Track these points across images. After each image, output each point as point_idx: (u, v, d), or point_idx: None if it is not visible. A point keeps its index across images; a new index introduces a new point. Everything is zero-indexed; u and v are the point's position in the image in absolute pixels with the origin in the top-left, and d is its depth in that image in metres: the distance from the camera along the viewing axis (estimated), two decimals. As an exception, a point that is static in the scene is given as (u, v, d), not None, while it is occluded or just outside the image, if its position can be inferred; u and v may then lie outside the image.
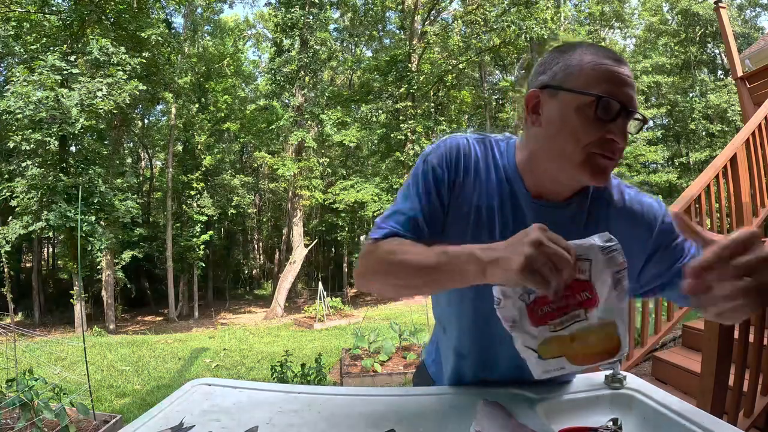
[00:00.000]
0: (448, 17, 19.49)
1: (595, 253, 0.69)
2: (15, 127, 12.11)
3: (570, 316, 0.70)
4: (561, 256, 0.64)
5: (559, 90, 0.78)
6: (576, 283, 0.68)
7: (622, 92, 0.75)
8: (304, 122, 16.72)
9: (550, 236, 0.66)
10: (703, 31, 23.01)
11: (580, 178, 0.80)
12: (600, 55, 0.77)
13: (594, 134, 0.75)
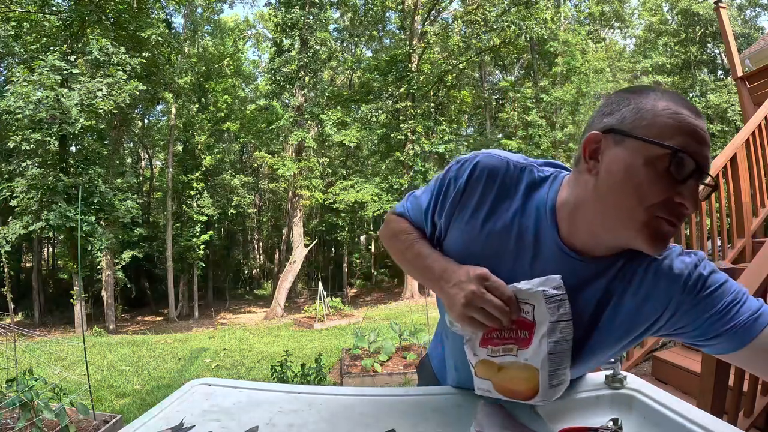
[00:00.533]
0: (448, 17, 19.49)
1: (539, 300, 0.71)
2: (15, 127, 12.10)
3: (504, 349, 0.75)
4: (496, 306, 0.69)
5: (627, 137, 0.66)
6: (522, 321, 0.73)
7: (700, 150, 0.64)
8: (304, 122, 16.72)
9: (489, 285, 0.70)
10: (703, 31, 23.01)
11: (634, 243, 0.69)
12: (678, 103, 0.67)
13: (663, 194, 0.64)
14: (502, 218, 0.78)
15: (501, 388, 0.76)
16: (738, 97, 4.84)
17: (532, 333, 0.72)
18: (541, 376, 0.71)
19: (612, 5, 23.40)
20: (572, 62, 17.76)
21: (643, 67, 21.82)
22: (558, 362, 0.70)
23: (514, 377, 0.74)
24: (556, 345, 0.70)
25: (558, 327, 0.70)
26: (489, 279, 0.71)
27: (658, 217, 0.66)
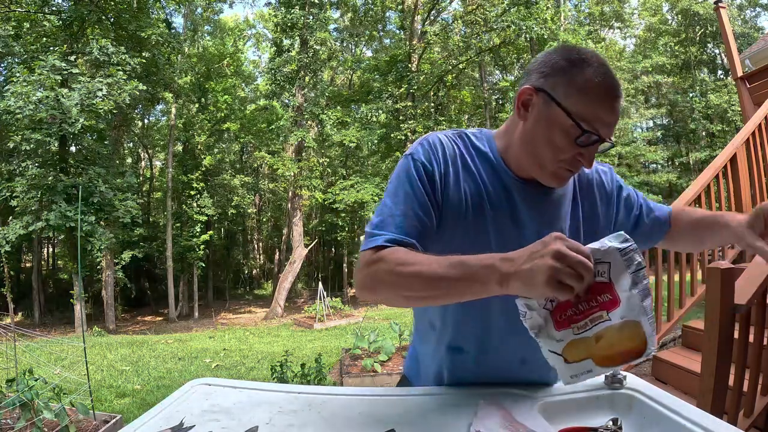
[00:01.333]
0: (448, 17, 19.49)
1: (614, 256, 0.70)
2: (15, 127, 12.10)
3: (593, 319, 0.71)
4: (584, 265, 0.65)
5: (555, 104, 0.82)
6: (596, 286, 0.70)
7: (605, 128, 0.81)
8: (304, 122, 16.72)
9: (570, 245, 0.66)
10: (703, 31, 23.01)
11: (541, 178, 0.88)
12: (604, 86, 0.81)
13: (569, 154, 0.83)
14: (472, 178, 0.90)
15: (605, 359, 0.72)
16: (738, 97, 4.84)
17: (614, 292, 0.71)
18: (645, 327, 0.71)
19: (612, 5, 23.40)
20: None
21: (643, 67, 21.81)
22: (651, 309, 0.72)
23: (617, 341, 0.71)
24: (643, 293, 0.70)
25: (639, 276, 0.70)
26: (565, 240, 0.67)
27: (560, 167, 0.85)
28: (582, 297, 0.70)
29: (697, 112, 22.10)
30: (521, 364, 0.95)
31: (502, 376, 0.97)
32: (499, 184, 0.90)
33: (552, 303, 0.72)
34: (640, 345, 0.71)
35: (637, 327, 0.71)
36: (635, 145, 21.58)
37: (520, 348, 0.90)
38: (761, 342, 2.01)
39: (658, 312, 3.35)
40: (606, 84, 0.81)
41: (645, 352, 0.72)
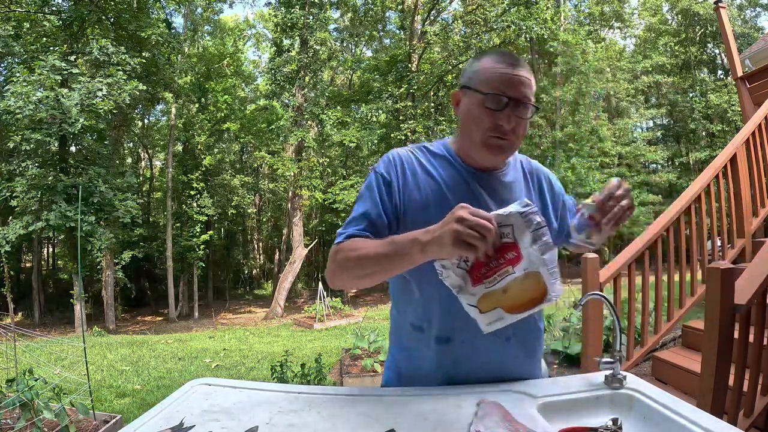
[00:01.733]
0: (448, 17, 19.48)
1: (515, 219, 0.82)
2: (15, 127, 12.09)
3: (501, 273, 0.83)
4: (483, 225, 0.78)
5: (469, 89, 1.01)
6: (503, 246, 0.82)
7: (509, 89, 0.97)
8: (304, 122, 16.71)
9: (472, 211, 0.80)
10: (703, 31, 23.00)
11: (481, 156, 1.03)
12: (499, 60, 0.99)
13: (488, 121, 0.98)
14: (432, 179, 1.05)
15: (512, 306, 0.83)
16: (738, 97, 4.84)
17: (518, 249, 0.82)
18: (544, 275, 0.81)
19: (612, 5, 23.39)
20: (572, 62, 17.75)
21: (643, 67, 21.81)
22: (551, 261, 0.82)
23: (521, 291, 0.82)
24: (544, 246, 0.82)
25: (539, 233, 0.82)
26: (468, 208, 0.81)
27: (491, 136, 0.99)
28: (492, 256, 0.81)
29: (697, 112, 22.10)
30: (506, 341, 1.02)
31: (492, 359, 1.02)
32: (458, 177, 1.05)
33: (466, 263, 0.84)
34: (542, 292, 0.82)
35: (538, 277, 0.81)
36: (635, 145, 21.58)
37: (504, 328, 0.96)
38: (761, 342, 2.01)
39: (658, 312, 3.35)
40: (502, 57, 1.00)
41: (546, 298, 0.82)
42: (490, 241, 0.79)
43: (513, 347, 1.03)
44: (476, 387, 1.04)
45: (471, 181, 1.05)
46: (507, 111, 0.97)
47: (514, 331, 1.00)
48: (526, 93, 0.98)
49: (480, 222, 0.78)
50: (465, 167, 1.06)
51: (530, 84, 0.99)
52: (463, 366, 1.02)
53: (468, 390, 1.01)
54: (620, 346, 1.02)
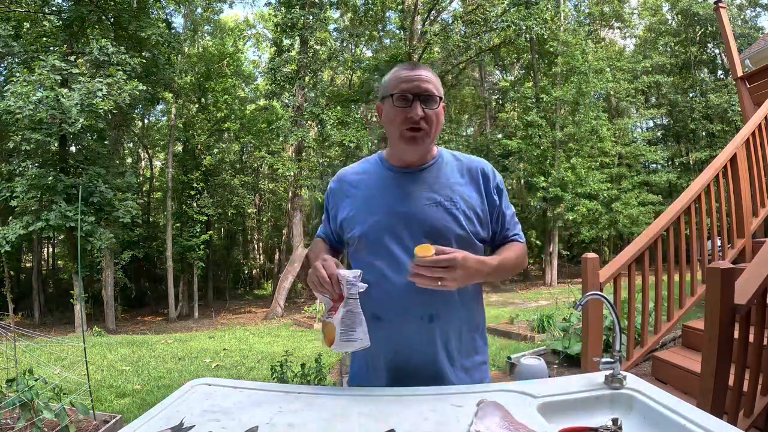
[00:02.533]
0: (448, 17, 19.47)
1: (344, 282, 1.06)
2: (15, 127, 12.08)
3: (330, 314, 1.08)
4: (321, 277, 1.07)
5: (383, 98, 1.20)
6: (341, 296, 1.07)
7: (410, 87, 1.13)
8: (304, 122, 16.70)
9: (325, 265, 1.09)
10: (703, 31, 22.99)
11: (401, 149, 1.20)
12: (400, 68, 1.19)
13: (399, 117, 1.15)
14: (367, 187, 1.24)
15: (324, 337, 1.10)
16: (738, 97, 4.84)
17: (339, 305, 1.07)
18: (336, 332, 1.05)
19: (612, 5, 23.38)
20: (572, 62, 17.74)
21: (643, 66, 21.81)
22: (348, 325, 1.05)
23: (328, 331, 1.08)
24: (346, 313, 1.05)
25: (349, 301, 1.06)
26: (328, 261, 1.10)
27: (405, 129, 1.15)
28: (337, 300, 1.07)
29: (697, 112, 22.09)
30: (430, 321, 1.14)
31: (420, 341, 1.13)
32: (386, 179, 1.23)
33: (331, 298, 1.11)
34: (332, 340, 1.06)
35: (333, 329, 1.06)
36: (635, 145, 21.57)
37: (426, 305, 1.13)
38: (761, 342, 2.01)
39: (658, 312, 3.35)
40: (403, 64, 1.20)
41: (333, 345, 1.06)
42: (328, 290, 1.07)
43: (439, 329, 1.15)
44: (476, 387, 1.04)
45: (399, 179, 1.21)
46: (414, 105, 1.13)
47: (436, 310, 1.14)
48: (427, 87, 1.14)
49: (322, 275, 1.07)
50: (393, 168, 1.24)
51: (430, 79, 1.15)
52: (393, 346, 1.15)
53: (468, 390, 1.01)
54: (620, 346, 1.02)
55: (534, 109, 18.54)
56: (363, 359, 1.23)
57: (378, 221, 1.17)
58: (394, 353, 1.15)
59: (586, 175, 17.57)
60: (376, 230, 1.16)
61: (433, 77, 1.17)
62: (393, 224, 1.15)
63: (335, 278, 1.07)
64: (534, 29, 16.01)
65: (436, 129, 1.17)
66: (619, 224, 18.12)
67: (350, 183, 1.27)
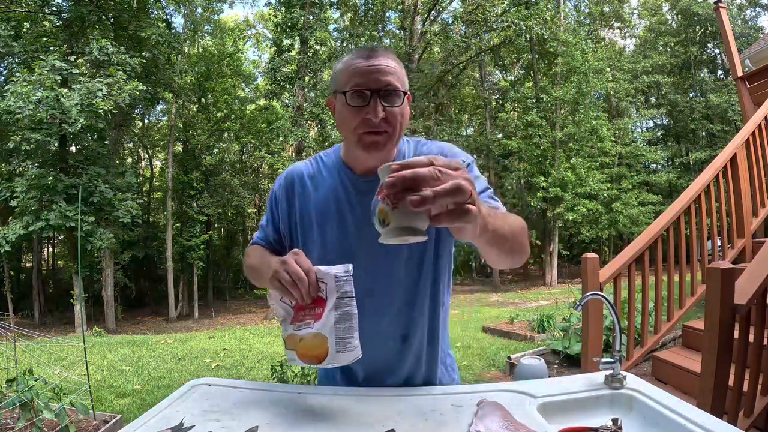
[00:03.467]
0: (448, 17, 19.48)
1: (330, 279, 0.86)
2: (15, 127, 12.09)
3: (305, 323, 0.88)
4: (297, 274, 0.83)
5: (334, 93, 0.98)
6: (318, 299, 0.87)
7: (367, 82, 0.92)
8: (304, 122, 16.71)
9: (298, 259, 0.86)
10: (703, 31, 23.00)
11: (359, 156, 1.00)
12: (354, 56, 0.96)
13: (355, 118, 0.93)
14: (321, 190, 1.05)
15: (302, 355, 0.88)
16: (738, 97, 4.84)
17: (323, 308, 0.86)
18: (330, 342, 0.84)
19: (612, 5, 23.39)
20: (572, 62, 17.75)
21: (643, 67, 21.81)
22: (343, 332, 0.85)
23: (311, 345, 0.86)
24: (341, 315, 0.84)
25: (343, 302, 0.85)
26: (299, 255, 0.87)
27: (362, 133, 0.93)
28: (308, 305, 0.88)
29: (697, 112, 22.09)
30: (403, 342, 1.04)
31: (391, 358, 1.05)
32: (344, 186, 1.04)
33: (291, 303, 0.91)
34: (323, 354, 0.85)
35: (324, 340, 0.84)
36: (635, 145, 21.57)
37: (398, 326, 1.02)
38: (761, 342, 2.01)
39: (658, 312, 3.35)
40: (359, 51, 0.96)
41: (325, 361, 0.85)
42: (303, 290, 0.84)
43: (410, 350, 1.05)
44: (476, 387, 1.04)
45: (358, 188, 1.02)
46: (372, 104, 0.91)
47: (409, 330, 1.03)
48: (388, 80, 0.92)
49: (296, 270, 0.84)
50: (350, 175, 1.04)
51: (392, 70, 0.93)
52: (362, 370, 1.06)
53: (468, 390, 1.01)
54: (620, 346, 1.02)
55: (534, 109, 18.55)
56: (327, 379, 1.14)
57: (338, 240, 1.02)
58: (363, 377, 1.07)
59: (586, 175, 17.56)
60: (334, 251, 1.00)
61: (396, 66, 0.95)
62: (354, 248, 0.99)
63: (313, 276, 0.85)
64: (534, 29, 16.02)
65: (401, 129, 0.96)
66: (619, 224, 18.12)
67: (314, 184, 1.07)
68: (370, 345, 0.96)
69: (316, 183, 1.07)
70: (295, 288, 0.84)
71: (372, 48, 0.96)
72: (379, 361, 1.05)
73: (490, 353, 5.64)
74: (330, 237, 1.02)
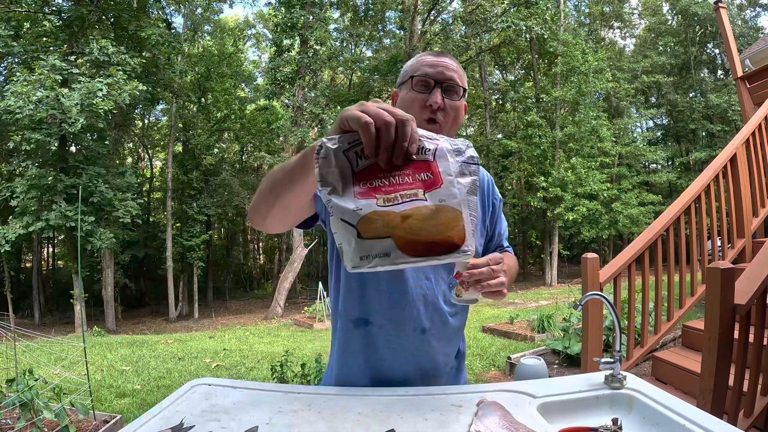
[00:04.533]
0: (448, 17, 19.48)
1: (444, 142, 0.64)
2: (15, 127, 12.09)
3: (406, 194, 0.59)
4: (395, 111, 0.60)
5: (401, 85, 1.08)
6: (418, 163, 0.61)
7: (433, 72, 1.02)
8: (304, 122, 16.72)
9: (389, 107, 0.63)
10: (703, 31, 23.00)
11: None
12: (424, 54, 1.08)
13: (416, 103, 1.01)
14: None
15: (410, 242, 0.57)
16: (738, 97, 4.84)
17: (437, 172, 0.61)
18: (465, 221, 0.60)
19: (612, 5, 23.39)
20: (572, 62, 17.75)
21: (643, 66, 21.82)
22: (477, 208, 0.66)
23: (429, 225, 0.58)
24: (472, 187, 0.62)
25: (469, 168, 0.63)
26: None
27: (422, 120, 1.00)
28: (398, 166, 0.59)
29: (697, 112, 22.09)
30: (422, 334, 1.04)
31: (410, 352, 1.04)
32: None
33: (359, 160, 0.60)
34: (455, 238, 0.59)
35: (458, 216, 0.60)
36: (635, 145, 21.58)
37: (418, 318, 1.03)
38: (761, 342, 2.01)
39: (658, 312, 3.35)
40: (428, 52, 1.09)
41: (459, 248, 0.60)
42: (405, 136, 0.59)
43: (429, 343, 1.05)
44: (476, 387, 1.04)
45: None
46: (434, 91, 1.01)
47: (430, 325, 1.04)
48: (451, 76, 1.03)
49: (395, 110, 0.60)
50: None
51: (455, 69, 1.04)
52: (383, 354, 1.04)
53: (468, 390, 1.01)
54: (620, 346, 1.02)
55: (534, 109, 18.55)
56: (338, 366, 1.12)
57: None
58: (379, 363, 1.05)
59: (586, 175, 17.57)
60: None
61: (459, 68, 1.07)
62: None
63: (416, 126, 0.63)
64: (534, 29, 16.01)
65: (453, 125, 1.04)
66: (619, 224, 18.12)
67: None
68: (391, 329, 1.03)
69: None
70: (387, 127, 0.58)
71: (441, 51, 1.09)
72: (396, 350, 1.05)
73: (490, 353, 5.64)
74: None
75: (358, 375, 1.07)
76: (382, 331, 1.04)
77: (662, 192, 21.64)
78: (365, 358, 1.05)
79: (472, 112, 24.75)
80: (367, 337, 1.04)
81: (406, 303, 1.02)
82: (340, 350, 1.11)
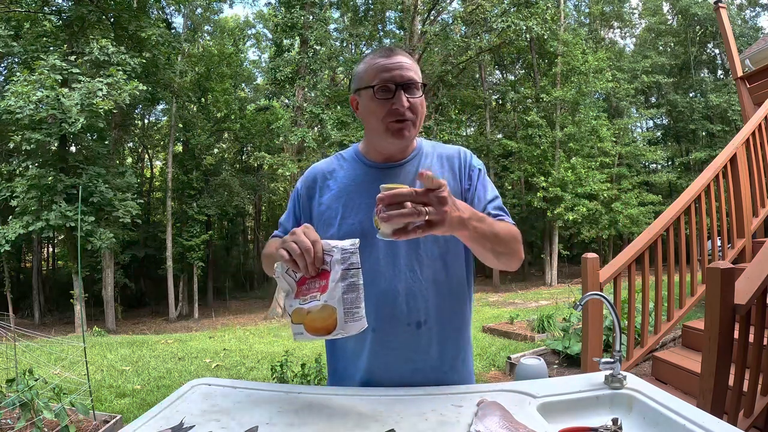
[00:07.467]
0: (448, 17, 19.47)
1: (337, 252, 0.90)
2: (15, 127, 12.08)
3: (311, 296, 0.90)
4: (304, 244, 0.88)
5: (358, 90, 1.10)
6: (323, 272, 0.90)
7: (390, 76, 1.05)
8: (304, 122, 16.71)
9: (306, 231, 0.91)
10: (703, 31, 23.00)
11: (387, 142, 1.10)
12: (375, 55, 1.09)
13: (383, 109, 1.05)
14: (342, 181, 1.16)
15: (310, 328, 0.90)
16: (738, 97, 4.84)
17: (328, 280, 0.89)
18: (338, 312, 0.87)
19: (612, 5, 23.38)
20: (572, 62, 17.74)
21: (643, 66, 21.82)
22: (351, 302, 0.88)
23: (318, 317, 0.88)
24: (348, 287, 0.88)
25: (349, 273, 0.88)
26: (309, 228, 0.93)
27: (391, 122, 1.06)
28: (313, 277, 0.90)
29: (697, 112, 22.09)
30: (417, 328, 1.07)
31: (409, 349, 1.07)
32: (363, 174, 1.15)
33: (294, 274, 0.93)
34: (332, 325, 0.87)
35: (332, 311, 0.87)
36: (635, 145, 21.59)
37: (409, 313, 1.06)
38: (761, 342, 2.01)
39: (658, 312, 3.35)
40: (378, 51, 1.10)
41: (334, 331, 0.87)
42: (309, 260, 0.88)
43: (427, 336, 1.08)
44: (476, 387, 1.04)
45: (379, 176, 1.13)
46: (398, 95, 1.04)
47: (425, 317, 1.07)
48: (410, 75, 1.06)
49: (304, 240, 0.89)
50: (372, 164, 1.16)
51: (410, 66, 1.07)
52: (380, 354, 1.07)
53: (468, 390, 1.01)
54: (620, 346, 1.02)
55: (534, 109, 18.54)
56: (336, 368, 1.17)
57: (360, 222, 1.08)
58: (375, 363, 1.08)
59: (586, 175, 17.57)
60: (355, 232, 1.06)
61: (413, 63, 1.09)
62: (374, 231, 1.00)
63: (320, 247, 0.89)
64: (534, 29, 16.00)
65: (421, 118, 1.09)
66: (619, 224, 18.12)
67: (324, 180, 1.18)
68: (385, 329, 1.06)
69: (336, 175, 1.18)
70: (302, 258, 0.88)
71: (390, 48, 1.11)
72: (392, 349, 1.07)
73: (490, 353, 5.64)
74: (351, 220, 1.10)
75: (358, 376, 1.10)
76: (376, 333, 1.06)
77: (662, 192, 21.64)
78: (363, 359, 1.08)
79: (472, 112, 24.76)
80: (363, 341, 1.07)
81: (392, 300, 1.06)
82: (339, 353, 1.16)
